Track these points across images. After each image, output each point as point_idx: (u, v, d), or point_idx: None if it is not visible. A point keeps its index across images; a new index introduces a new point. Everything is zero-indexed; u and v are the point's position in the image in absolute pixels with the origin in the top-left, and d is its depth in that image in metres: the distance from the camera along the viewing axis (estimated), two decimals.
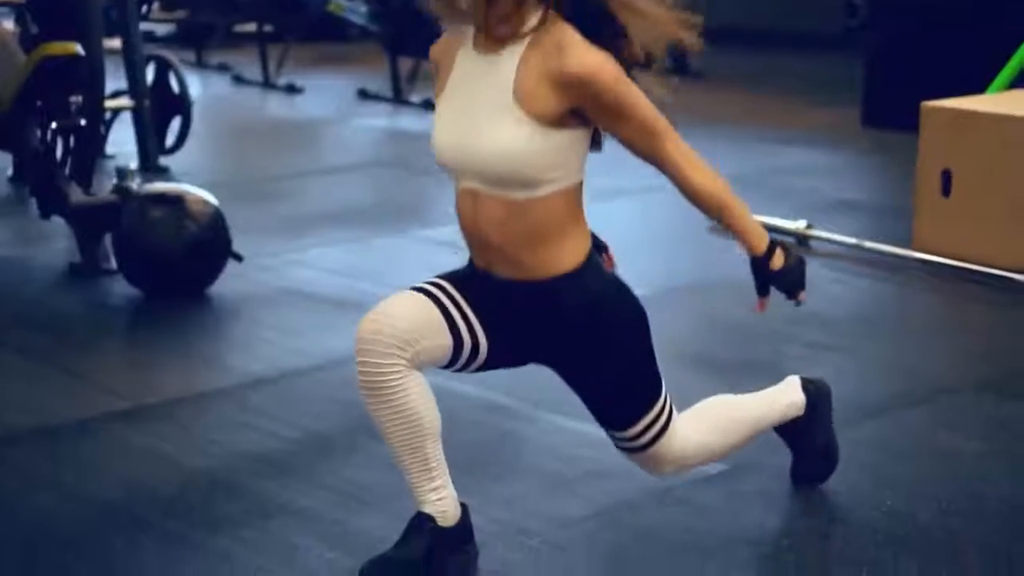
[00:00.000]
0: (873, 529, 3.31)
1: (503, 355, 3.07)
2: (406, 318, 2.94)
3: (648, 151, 2.96)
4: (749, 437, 3.36)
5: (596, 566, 3.14)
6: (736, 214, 3.04)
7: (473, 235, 2.98)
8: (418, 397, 3.00)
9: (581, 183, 2.95)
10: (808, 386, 3.49)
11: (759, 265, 3.09)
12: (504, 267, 2.96)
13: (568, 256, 2.95)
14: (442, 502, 3.05)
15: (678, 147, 2.99)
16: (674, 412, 3.16)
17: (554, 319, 2.98)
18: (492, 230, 2.91)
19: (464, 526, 3.11)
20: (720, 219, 3.07)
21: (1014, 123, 5.33)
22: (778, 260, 3.08)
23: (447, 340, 2.97)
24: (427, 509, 3.05)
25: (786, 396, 3.45)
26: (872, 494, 3.50)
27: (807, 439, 3.48)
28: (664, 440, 3.12)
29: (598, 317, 2.99)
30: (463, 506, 3.12)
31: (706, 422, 3.26)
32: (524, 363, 3.15)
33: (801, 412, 3.45)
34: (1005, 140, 5.35)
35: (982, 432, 3.90)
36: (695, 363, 4.40)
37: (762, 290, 3.12)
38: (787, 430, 3.47)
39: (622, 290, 3.06)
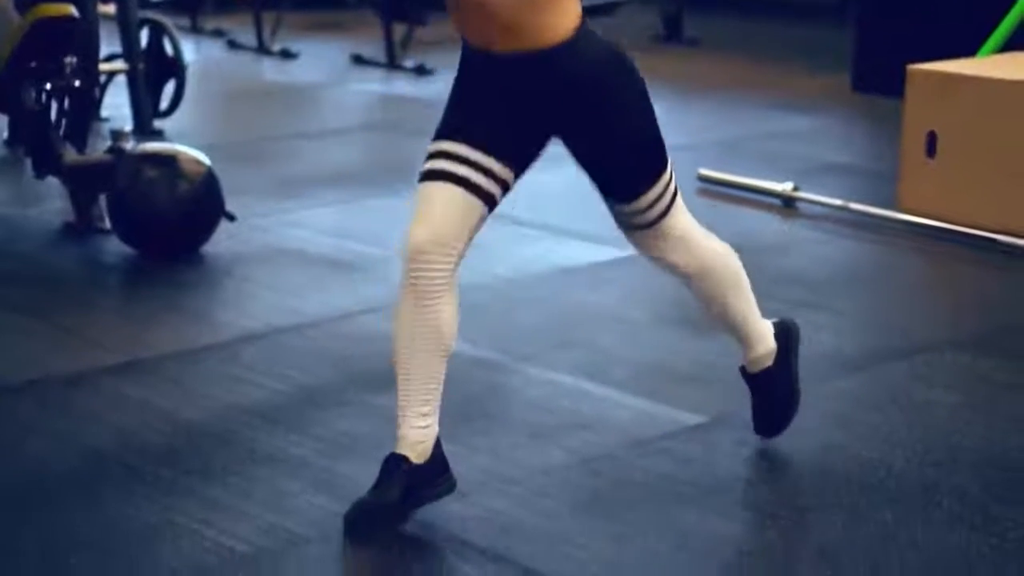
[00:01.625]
0: (848, 478, 3.39)
1: (525, 156, 3.12)
2: (448, 222, 3.04)
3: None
4: (720, 304, 3.42)
5: (577, 512, 3.21)
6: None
7: (470, 9, 3.01)
8: (451, 310, 3.11)
9: None
10: (778, 332, 3.54)
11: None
12: (504, 38, 3.00)
13: (565, 21, 3.02)
14: (426, 430, 3.11)
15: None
16: (679, 195, 3.31)
17: (560, 88, 3.04)
18: None
19: (438, 459, 3.15)
20: None
21: (997, 85, 5.40)
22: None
23: (482, 211, 3.09)
24: (410, 436, 3.10)
25: (764, 331, 3.51)
26: (848, 445, 3.58)
27: (771, 387, 3.52)
28: (671, 218, 3.28)
29: (602, 80, 3.08)
30: (437, 440, 3.15)
31: (712, 248, 3.42)
32: (544, 145, 3.16)
33: (771, 362, 3.51)
34: (989, 102, 5.41)
35: (959, 386, 3.98)
36: (678, 324, 4.47)
37: None
38: (755, 378, 3.52)
39: (620, 55, 3.14)
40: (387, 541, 3.07)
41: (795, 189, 5.81)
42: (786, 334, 3.55)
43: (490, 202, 3.09)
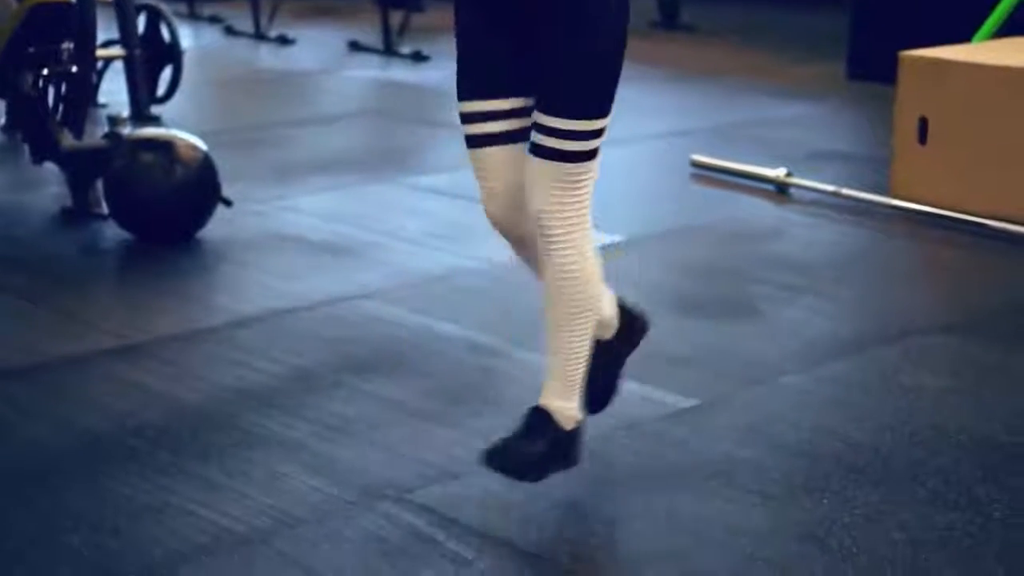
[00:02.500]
0: (836, 460, 3.43)
1: (533, 73, 3.04)
2: (509, 186, 3.09)
3: None
4: (572, 311, 3.13)
5: (569, 493, 3.25)
6: None
7: None
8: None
9: None
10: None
11: None
12: None
13: None
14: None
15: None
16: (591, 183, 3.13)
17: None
18: None
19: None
20: None
21: (988, 71, 5.43)
22: None
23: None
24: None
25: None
26: (837, 427, 3.61)
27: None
28: (586, 170, 3.03)
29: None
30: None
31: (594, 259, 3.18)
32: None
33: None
34: (979, 88, 5.45)
35: (948, 370, 4.02)
36: (673, 306, 4.51)
37: None
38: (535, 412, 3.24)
39: None
40: (380, 520, 3.11)
41: (788, 175, 5.84)
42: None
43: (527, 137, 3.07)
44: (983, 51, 5.75)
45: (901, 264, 5.16)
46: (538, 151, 3.02)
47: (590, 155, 3.04)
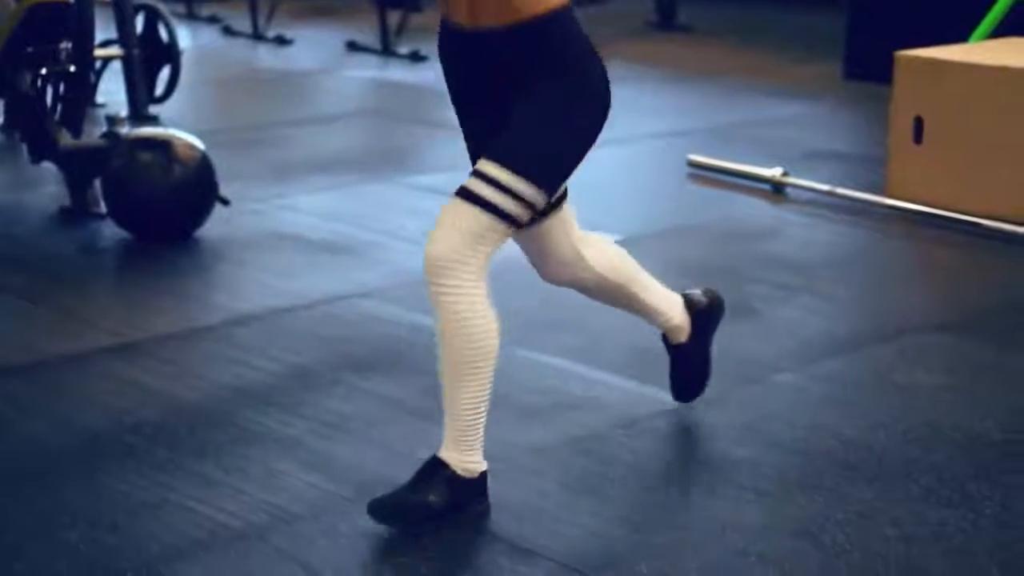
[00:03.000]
0: (831, 457, 3.45)
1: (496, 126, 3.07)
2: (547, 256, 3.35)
3: None
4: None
5: (565, 489, 3.27)
6: None
7: None
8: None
9: None
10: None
11: None
12: (490, 11, 2.97)
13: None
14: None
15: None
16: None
17: (530, 54, 2.98)
18: None
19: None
20: None
21: (983, 71, 5.45)
22: None
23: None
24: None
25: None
26: (832, 424, 3.63)
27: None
28: (499, 228, 2.99)
29: (563, 55, 2.99)
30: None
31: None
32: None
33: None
34: (974, 88, 5.47)
35: (943, 368, 4.04)
36: None
37: None
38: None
39: (594, 57, 3.08)
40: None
41: (784, 174, 5.87)
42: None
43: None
44: (978, 51, 5.77)
45: (896, 263, 5.18)
46: (462, 192, 2.98)
47: (510, 218, 2.98)
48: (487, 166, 2.98)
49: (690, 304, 3.63)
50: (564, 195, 3.28)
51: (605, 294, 3.48)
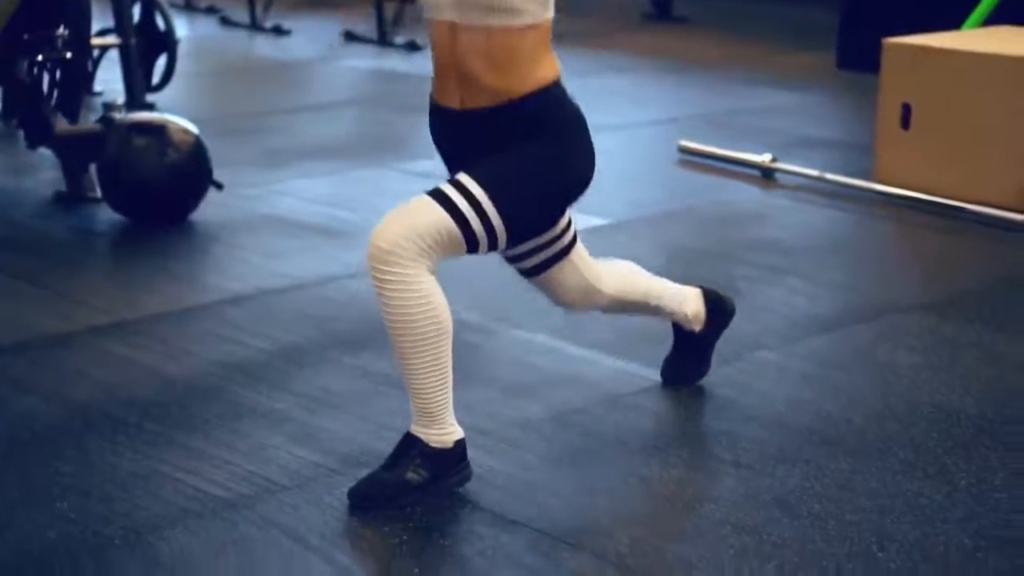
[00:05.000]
0: (810, 431, 3.51)
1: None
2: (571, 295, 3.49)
3: None
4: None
5: (547, 463, 3.33)
6: None
7: (449, 68, 3.09)
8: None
9: (550, 21, 3.09)
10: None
11: None
12: (481, 96, 3.06)
13: (544, 72, 3.07)
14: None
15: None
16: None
17: (519, 122, 3.07)
18: (471, 57, 3.03)
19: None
20: None
21: (969, 58, 5.51)
22: None
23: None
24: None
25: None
26: (812, 401, 3.69)
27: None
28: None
29: (547, 122, 3.08)
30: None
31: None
32: None
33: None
34: (961, 75, 5.52)
35: (922, 347, 4.10)
36: None
37: None
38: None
39: (583, 132, 3.17)
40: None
41: (773, 160, 5.92)
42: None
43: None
44: (966, 39, 5.83)
45: (882, 246, 5.24)
46: (436, 195, 3.04)
47: (470, 237, 3.03)
48: (468, 181, 3.04)
49: (709, 297, 3.73)
50: (575, 239, 3.39)
51: (622, 310, 3.63)
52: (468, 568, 2.90)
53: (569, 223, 3.36)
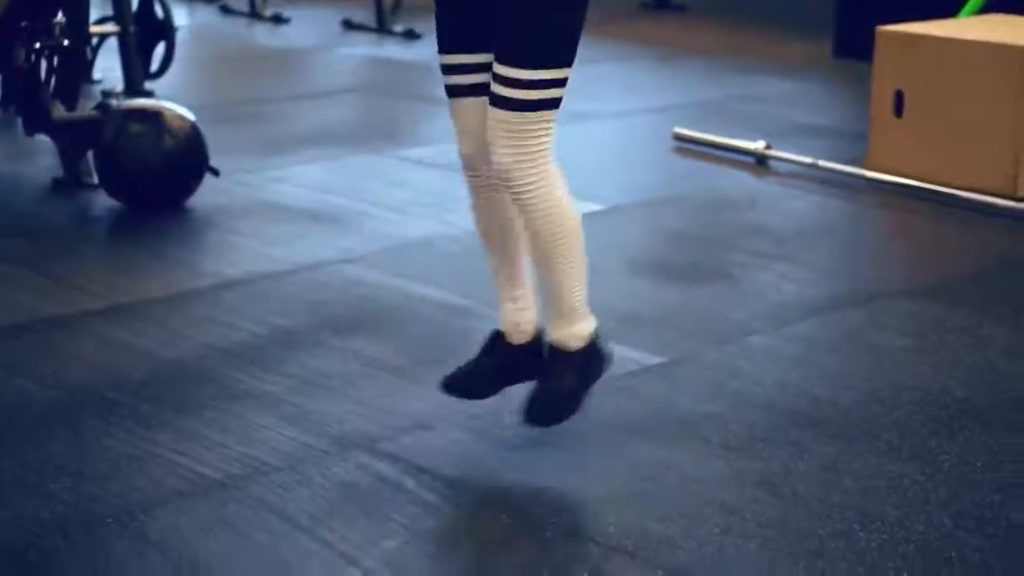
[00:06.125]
0: (797, 413, 3.54)
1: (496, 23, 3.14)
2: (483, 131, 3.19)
3: None
4: (555, 263, 3.23)
5: (534, 444, 3.36)
6: None
7: None
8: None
9: None
10: (595, 343, 3.35)
11: None
12: None
13: None
14: (521, 312, 3.34)
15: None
16: (555, 126, 3.19)
17: None
18: None
19: (535, 347, 3.35)
20: None
21: (962, 46, 5.53)
22: None
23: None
24: (505, 318, 3.34)
25: (587, 319, 3.33)
26: (800, 383, 3.73)
27: (562, 376, 3.33)
28: (545, 119, 3.12)
29: None
30: (539, 332, 3.36)
31: (567, 198, 3.22)
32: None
33: (580, 344, 3.31)
34: (953, 62, 5.55)
35: (910, 331, 4.13)
36: (648, 270, 4.62)
37: None
38: (556, 355, 3.33)
39: None
40: (351, 468, 3.23)
41: (767, 147, 5.95)
42: (598, 350, 3.37)
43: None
44: (958, 27, 5.85)
45: (873, 233, 5.27)
46: (494, 101, 3.13)
47: (545, 104, 3.12)
48: (505, 70, 3.10)
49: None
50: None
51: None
52: (456, 546, 2.94)
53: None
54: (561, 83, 3.15)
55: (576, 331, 3.30)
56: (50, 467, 3.22)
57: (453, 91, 3.26)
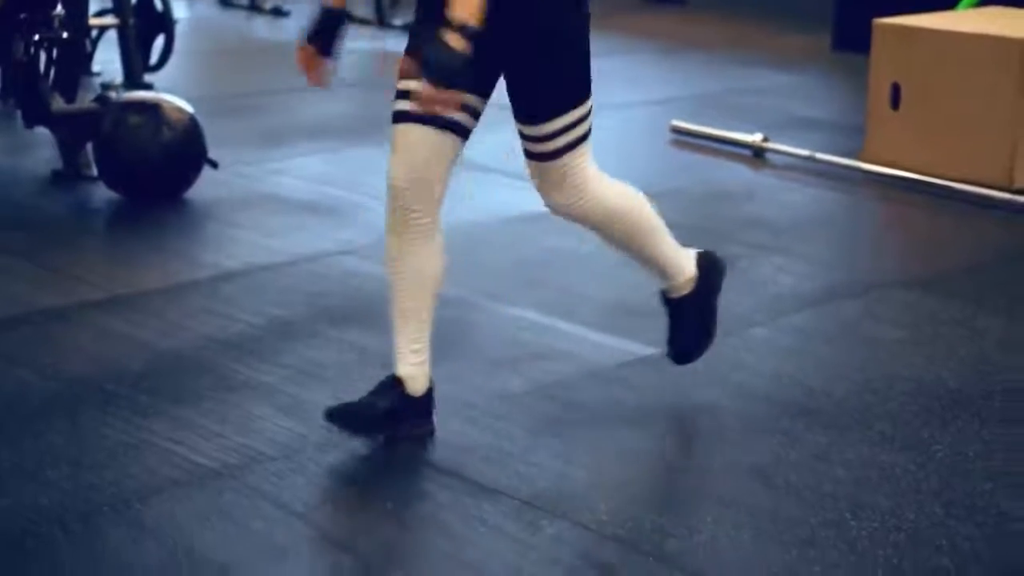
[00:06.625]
0: (791, 404, 3.56)
1: (481, 78, 3.19)
2: (423, 161, 3.18)
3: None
4: (635, 241, 3.46)
5: (529, 434, 3.39)
6: None
7: None
8: (435, 250, 3.26)
9: None
10: (701, 262, 3.59)
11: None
12: None
13: None
14: (417, 367, 3.30)
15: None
16: (590, 143, 3.32)
17: (505, 9, 3.09)
18: None
19: (427, 402, 3.34)
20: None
21: (958, 38, 5.55)
22: (452, 38, 3.00)
23: (454, 143, 3.21)
24: (400, 371, 3.29)
25: (683, 259, 3.55)
26: (795, 374, 3.75)
27: (688, 314, 3.58)
28: (575, 157, 3.28)
29: (542, 6, 3.14)
30: (430, 385, 3.34)
31: (618, 189, 3.41)
32: (496, 73, 3.25)
33: (690, 288, 3.55)
34: (949, 55, 5.57)
35: (905, 323, 4.15)
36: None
37: (425, 65, 3.04)
38: (672, 303, 3.58)
39: None
40: (346, 457, 3.25)
41: (764, 140, 5.97)
42: (710, 266, 3.60)
43: (461, 132, 3.21)
44: (955, 19, 5.87)
45: (869, 225, 5.29)
46: (528, 155, 3.26)
47: (574, 143, 3.27)
48: (527, 129, 3.24)
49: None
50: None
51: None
52: (451, 535, 2.96)
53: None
54: (584, 118, 3.25)
55: (684, 280, 3.53)
56: (48, 456, 3.24)
57: (401, 117, 3.21)
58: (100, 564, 2.82)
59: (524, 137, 3.28)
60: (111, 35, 7.33)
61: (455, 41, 2.98)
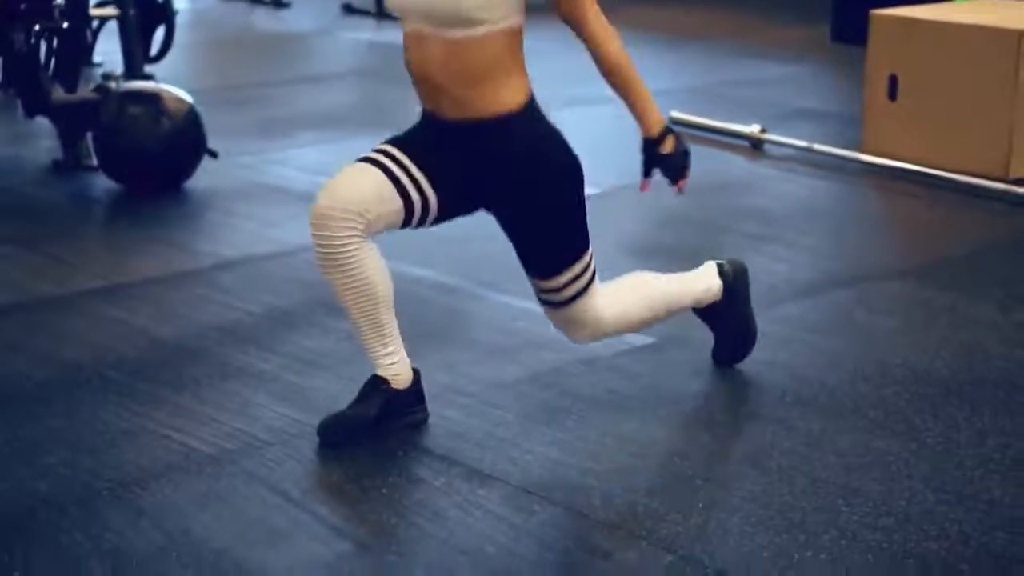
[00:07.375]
0: (784, 392, 3.59)
1: (454, 204, 3.29)
2: (357, 190, 3.20)
3: (571, 13, 3.22)
4: (664, 313, 3.58)
5: (524, 421, 3.41)
6: (639, 92, 3.30)
7: (420, 77, 3.23)
8: (372, 266, 3.26)
9: (520, 29, 3.17)
10: (724, 269, 3.69)
11: (648, 146, 3.35)
12: (450, 107, 3.19)
13: (509, 95, 3.17)
14: (395, 366, 3.32)
15: (599, 17, 3.25)
16: (596, 277, 3.42)
17: (497, 157, 3.20)
18: (435, 69, 3.16)
19: (416, 390, 3.38)
20: (623, 93, 3.30)
21: (955, 29, 5.57)
22: (668, 145, 3.34)
23: (397, 204, 3.22)
24: (380, 372, 3.32)
25: (703, 280, 3.65)
26: (789, 362, 3.77)
27: (725, 322, 3.70)
28: (585, 300, 3.37)
29: (538, 157, 3.22)
30: (415, 372, 3.38)
31: (625, 294, 3.50)
32: (472, 210, 3.35)
33: (719, 297, 3.67)
34: (947, 46, 5.59)
35: (899, 312, 4.18)
36: (641, 253, 4.67)
37: (647, 171, 3.38)
38: (706, 313, 3.69)
39: (561, 139, 3.28)
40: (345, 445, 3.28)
41: (762, 131, 5.99)
42: (733, 273, 3.70)
43: (408, 205, 3.22)
44: (952, 10, 5.88)
45: (865, 215, 5.31)
46: (544, 303, 3.41)
47: (584, 288, 3.37)
48: (539, 283, 3.37)
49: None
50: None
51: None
52: (445, 520, 2.98)
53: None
54: (589, 264, 3.35)
55: (711, 296, 3.63)
56: (47, 442, 3.27)
57: (369, 160, 3.27)
58: (98, 548, 2.85)
59: (539, 290, 3.39)
60: (112, 25, 7.36)
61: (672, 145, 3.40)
